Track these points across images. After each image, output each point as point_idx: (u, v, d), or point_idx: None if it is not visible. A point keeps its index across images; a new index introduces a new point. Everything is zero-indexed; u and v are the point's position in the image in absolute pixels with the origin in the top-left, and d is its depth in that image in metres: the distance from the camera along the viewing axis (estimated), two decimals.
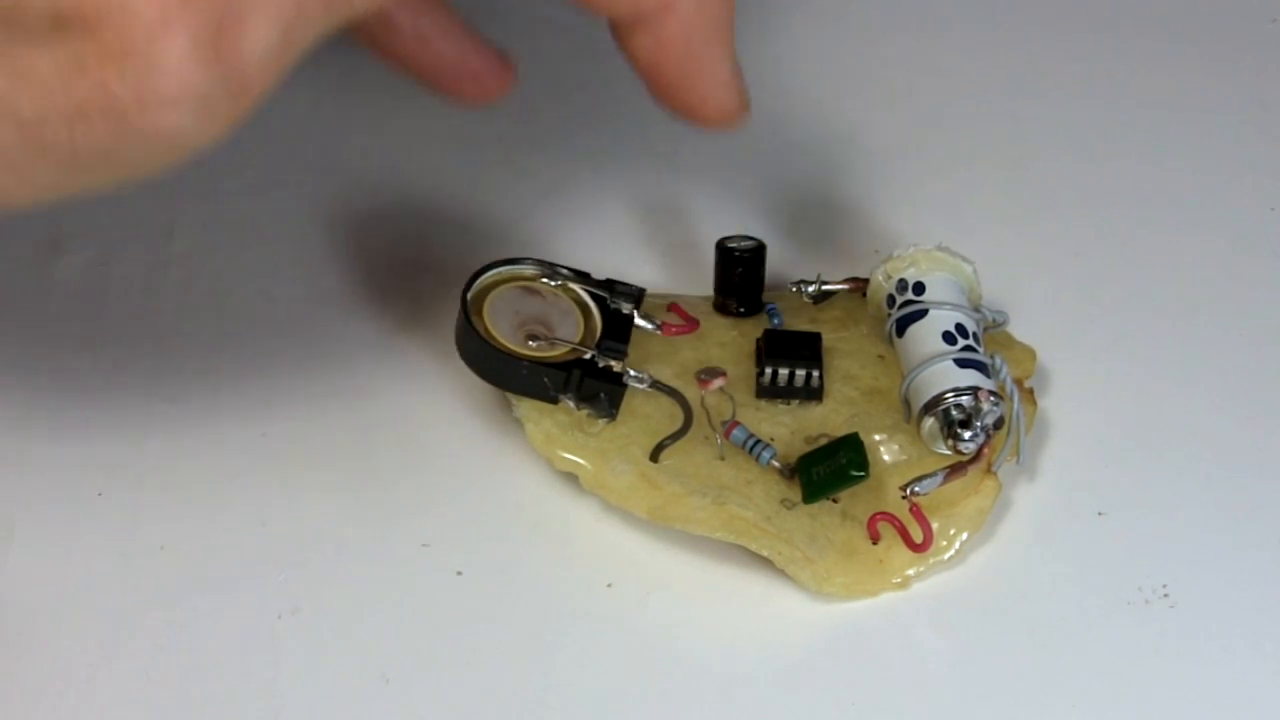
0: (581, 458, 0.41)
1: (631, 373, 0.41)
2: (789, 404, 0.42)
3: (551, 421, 0.41)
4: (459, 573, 0.41)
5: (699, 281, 0.45)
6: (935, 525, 0.40)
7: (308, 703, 0.38)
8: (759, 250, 0.44)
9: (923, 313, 0.42)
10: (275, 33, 0.31)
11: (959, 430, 0.40)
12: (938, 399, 0.40)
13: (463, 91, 0.40)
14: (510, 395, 0.41)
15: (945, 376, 0.40)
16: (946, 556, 0.41)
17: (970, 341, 0.41)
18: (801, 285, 0.44)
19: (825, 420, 0.42)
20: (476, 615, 0.40)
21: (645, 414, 0.41)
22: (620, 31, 0.37)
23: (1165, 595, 0.40)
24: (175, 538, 0.41)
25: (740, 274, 0.44)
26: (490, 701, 0.38)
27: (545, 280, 0.42)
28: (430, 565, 0.41)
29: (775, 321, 0.43)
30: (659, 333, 0.42)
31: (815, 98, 0.52)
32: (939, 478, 0.40)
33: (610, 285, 0.42)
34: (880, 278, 0.43)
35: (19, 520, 0.41)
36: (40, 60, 0.30)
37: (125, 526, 0.41)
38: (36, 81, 0.30)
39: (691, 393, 0.41)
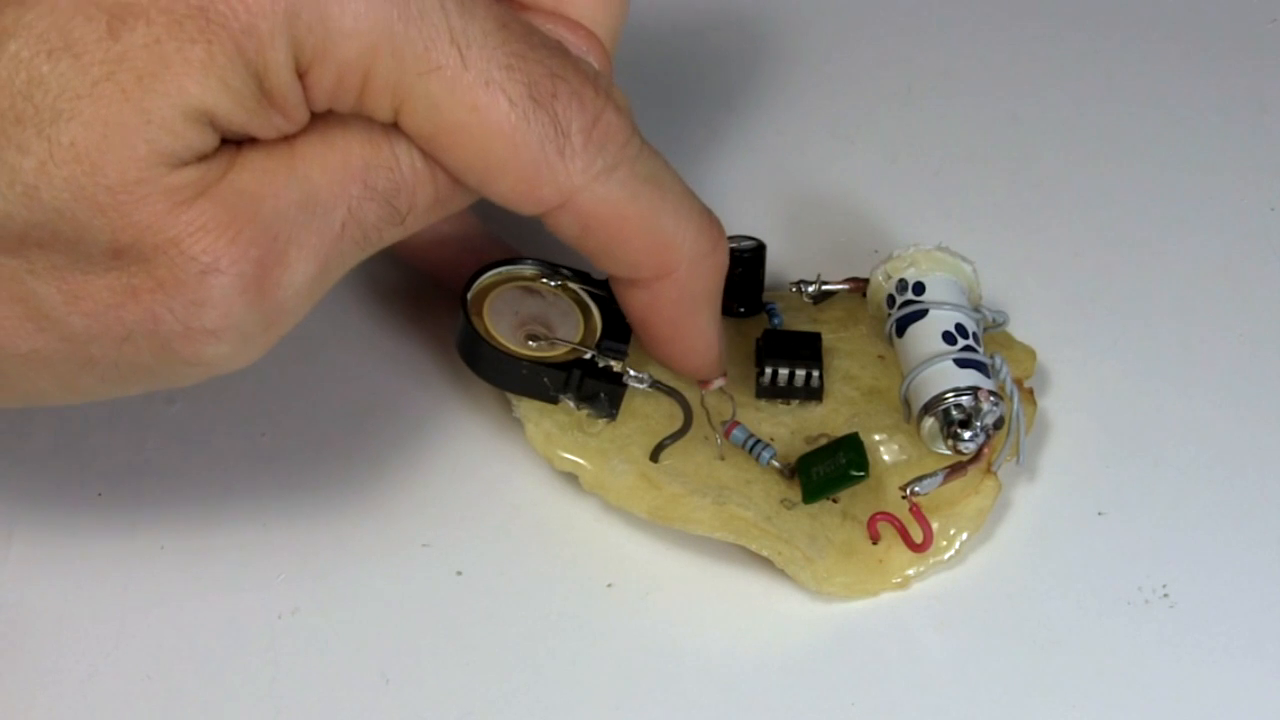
0: (581, 458, 0.41)
1: (631, 373, 0.41)
2: (789, 404, 0.42)
3: (551, 421, 0.41)
4: (459, 573, 0.41)
5: None
6: (935, 525, 0.40)
7: (308, 703, 0.38)
8: (759, 250, 0.44)
9: (923, 313, 0.42)
10: (313, 269, 0.34)
11: (959, 430, 0.40)
12: (938, 399, 0.40)
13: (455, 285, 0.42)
14: (510, 395, 0.41)
15: (945, 376, 0.40)
16: (946, 556, 0.41)
17: (970, 341, 0.41)
18: (801, 285, 0.44)
19: (825, 420, 0.42)
20: (476, 615, 0.40)
21: (645, 414, 0.41)
22: (618, 285, 0.39)
23: (1165, 595, 0.40)
24: (175, 538, 0.41)
25: (740, 274, 0.44)
26: (490, 701, 0.38)
27: (545, 280, 0.42)
28: (430, 565, 0.41)
29: (775, 321, 0.43)
30: None
31: (815, 98, 0.52)
32: (939, 478, 0.40)
33: (610, 285, 0.42)
34: (880, 278, 0.43)
35: (19, 520, 0.41)
36: (96, 285, 0.32)
37: (125, 526, 0.41)
38: (90, 304, 0.32)
39: (691, 393, 0.41)
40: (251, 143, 0.33)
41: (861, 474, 0.40)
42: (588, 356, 0.41)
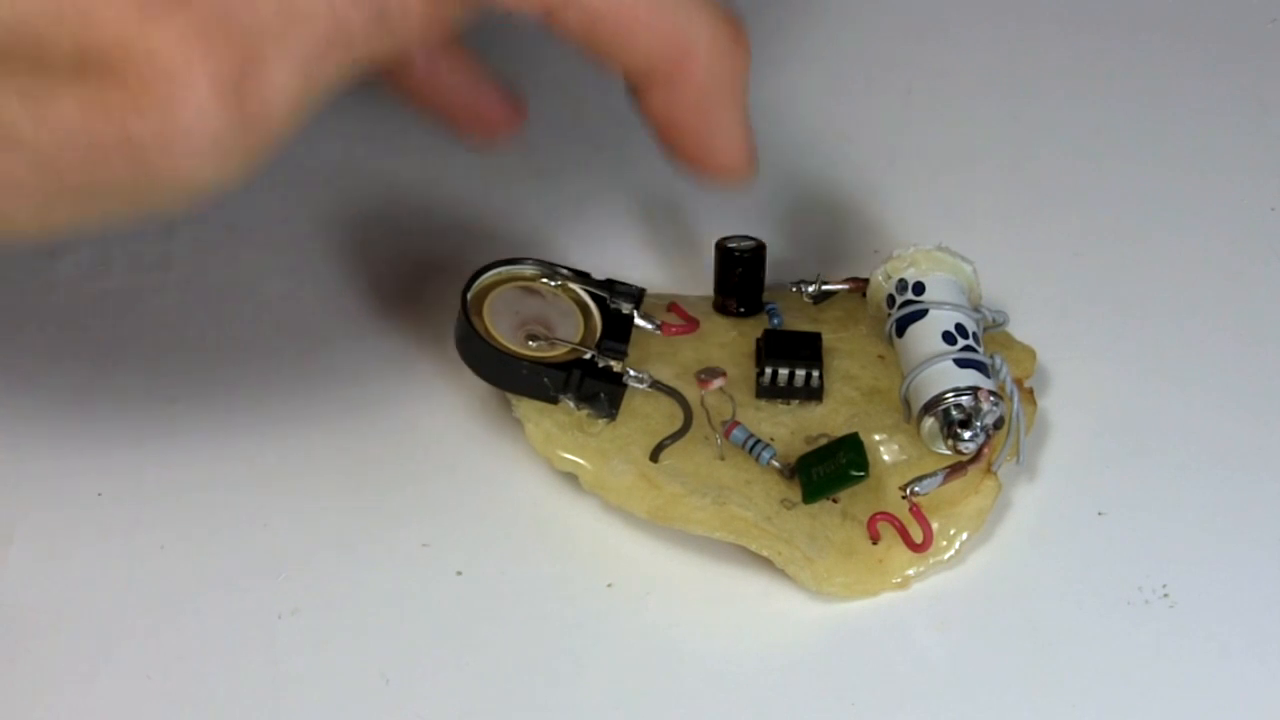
0: (581, 458, 0.41)
1: (631, 373, 0.41)
2: (789, 404, 0.42)
3: (551, 421, 0.41)
4: (459, 573, 0.41)
5: (699, 281, 0.45)
6: (935, 525, 0.40)
7: (308, 703, 0.38)
8: (759, 250, 0.44)
9: (923, 313, 0.42)
10: (296, 77, 0.32)
11: (959, 430, 0.40)
12: (938, 399, 0.40)
13: (472, 130, 0.41)
14: (510, 395, 0.41)
15: (945, 376, 0.40)
16: (946, 556, 0.41)
17: (970, 341, 0.41)
18: (801, 285, 0.44)
19: (825, 420, 0.42)
20: (476, 615, 0.40)
21: (645, 414, 0.41)
22: (635, 87, 0.37)
23: (1165, 595, 0.40)
24: (175, 538, 0.41)
25: (740, 274, 0.44)
26: (490, 701, 0.38)
27: (545, 280, 0.42)
28: (430, 565, 0.41)
29: (775, 321, 0.43)
30: (659, 333, 0.42)
31: (815, 98, 0.52)
32: (939, 478, 0.40)
33: (610, 285, 0.42)
34: (880, 278, 0.43)
35: (19, 520, 0.41)
36: (63, 99, 0.31)
37: (125, 526, 0.41)
38: (58, 119, 0.31)
39: (691, 393, 0.41)
40: None
41: (861, 474, 0.40)
42: (588, 356, 0.41)
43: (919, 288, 0.42)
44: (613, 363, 0.41)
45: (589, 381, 0.41)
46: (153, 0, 0.30)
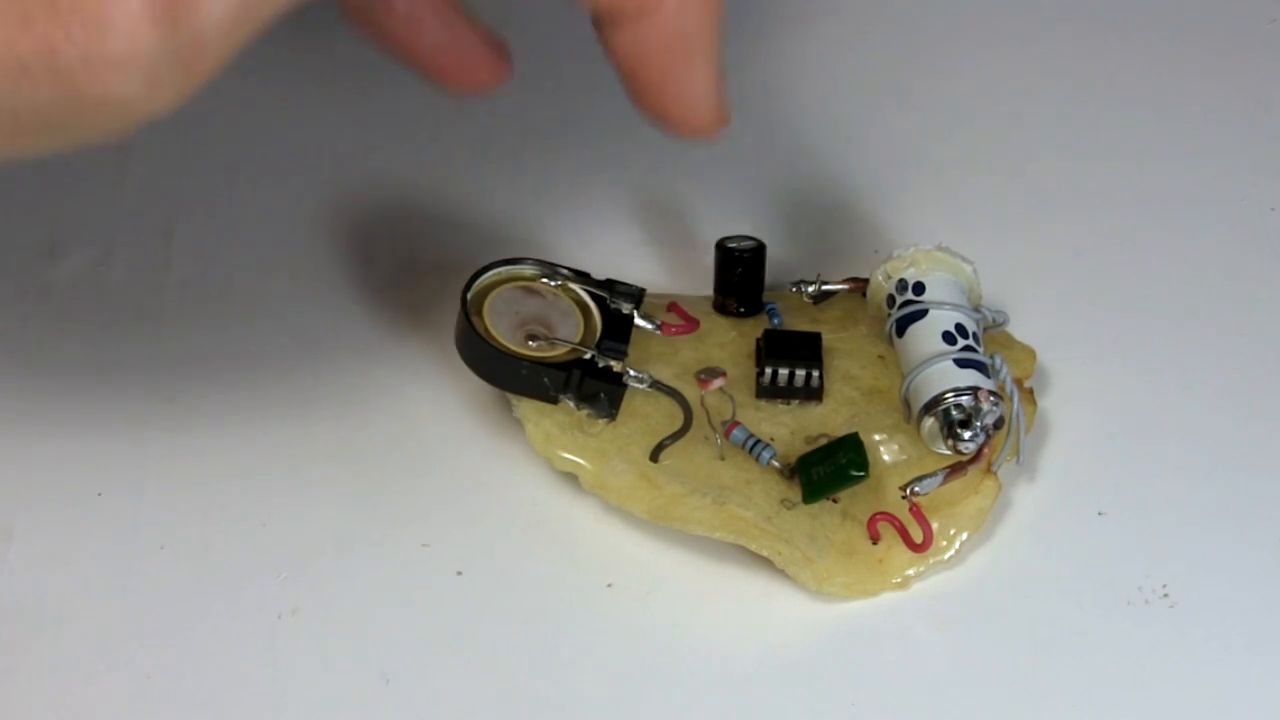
0: (581, 458, 0.41)
1: (631, 373, 0.41)
2: (789, 404, 0.42)
3: (551, 422, 0.41)
4: (459, 573, 0.41)
5: (699, 281, 0.45)
6: (935, 525, 0.40)
7: (308, 703, 0.38)
8: (759, 250, 0.44)
9: (923, 313, 0.42)
10: (233, 2, 0.30)
11: (959, 430, 0.40)
12: (938, 399, 0.40)
13: (456, 79, 0.39)
14: (510, 395, 0.41)
15: (945, 376, 0.40)
16: (946, 556, 0.41)
17: (970, 341, 0.41)
18: (801, 285, 0.44)
19: (825, 420, 0.42)
20: (476, 615, 0.40)
21: (645, 414, 0.41)
22: (602, 26, 0.36)
23: (1165, 595, 0.40)
24: (175, 538, 0.41)
25: (740, 274, 0.44)
26: (490, 701, 0.38)
27: (545, 280, 0.42)
28: (430, 565, 0.41)
29: (775, 321, 0.43)
30: (659, 333, 0.42)
31: (815, 98, 0.52)
32: (939, 478, 0.40)
33: (610, 285, 0.42)
34: (880, 278, 0.43)
35: (19, 520, 0.41)
36: None
37: (125, 526, 0.41)
38: None
39: (691, 393, 0.41)
40: None
41: (861, 474, 0.40)
42: (588, 356, 0.41)
43: (919, 288, 0.42)
44: (613, 363, 0.41)
45: (589, 381, 0.41)
46: None
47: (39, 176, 0.48)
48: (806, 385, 0.42)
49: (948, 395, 0.40)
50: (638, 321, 0.42)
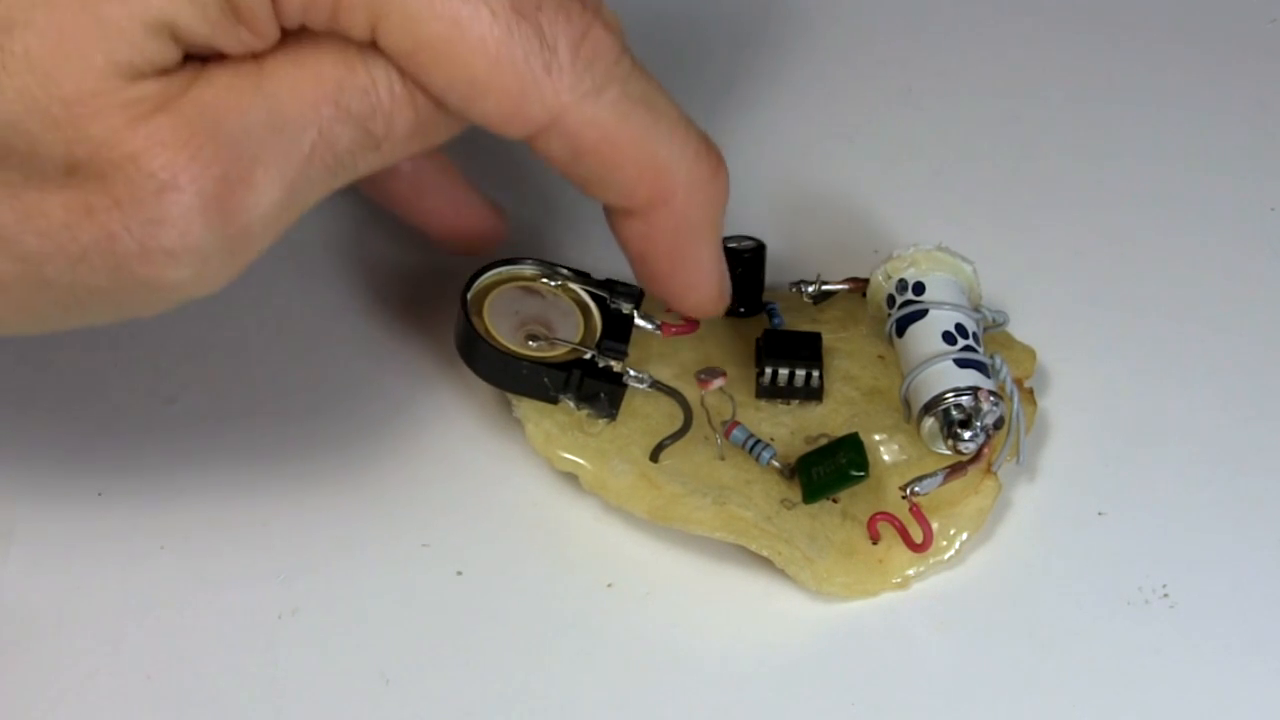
0: (581, 458, 0.41)
1: (631, 373, 0.41)
2: (789, 404, 0.42)
3: (551, 421, 0.41)
4: (459, 573, 0.41)
5: None
6: (935, 525, 0.40)
7: (308, 703, 0.38)
8: (759, 250, 0.44)
9: (923, 313, 0.42)
10: (279, 193, 0.32)
11: (959, 430, 0.40)
12: (938, 399, 0.40)
13: (452, 245, 0.42)
14: (510, 395, 0.41)
15: (945, 376, 0.40)
16: (946, 556, 0.41)
17: (970, 342, 0.41)
18: (801, 285, 0.44)
19: (825, 420, 0.42)
20: (476, 615, 0.40)
21: (645, 414, 0.41)
22: (613, 215, 0.38)
23: (1165, 595, 0.40)
24: (175, 538, 0.41)
25: (740, 274, 0.44)
26: (490, 701, 0.38)
27: (545, 280, 0.42)
28: (430, 565, 0.41)
29: (775, 321, 0.43)
30: (659, 333, 0.42)
31: (816, 98, 0.52)
32: (939, 478, 0.40)
33: (610, 285, 0.42)
34: (880, 278, 0.43)
35: (19, 520, 0.41)
36: (50, 202, 0.31)
37: (125, 526, 0.41)
38: (44, 222, 0.31)
39: (691, 393, 0.41)
40: (218, 59, 0.32)
41: (861, 474, 0.40)
42: (588, 356, 0.41)
43: (919, 288, 0.42)
44: (613, 363, 0.41)
45: (589, 381, 0.41)
46: (141, 102, 0.31)
47: None
48: (806, 385, 0.42)
49: (948, 395, 0.40)
50: (638, 321, 0.42)
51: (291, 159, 0.32)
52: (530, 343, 0.41)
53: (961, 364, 0.41)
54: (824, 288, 0.44)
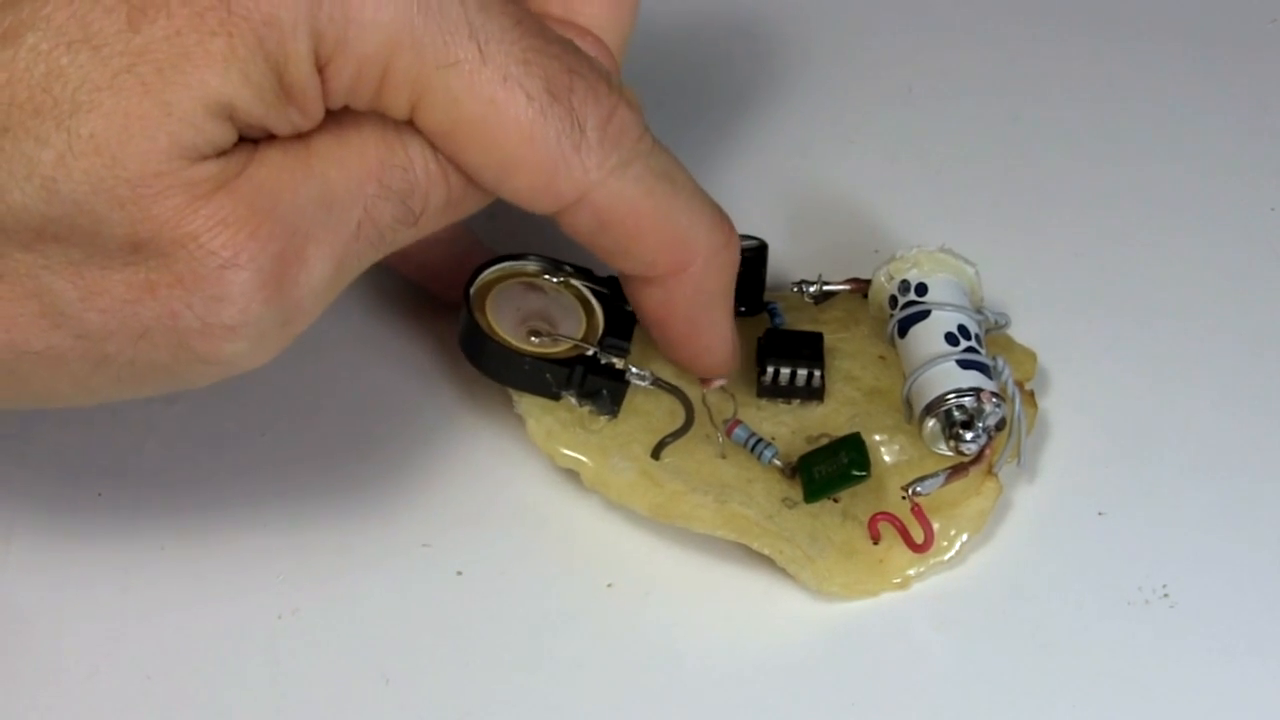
0: (583, 454, 0.41)
1: (634, 370, 0.41)
2: (790, 403, 0.42)
3: (553, 418, 0.41)
4: (459, 573, 0.41)
5: None
6: (936, 526, 0.40)
7: (308, 703, 0.38)
8: (760, 250, 0.44)
9: (925, 314, 0.42)
10: (330, 269, 0.34)
11: (961, 431, 0.40)
12: (940, 400, 0.40)
13: (449, 296, 0.42)
14: (512, 391, 0.41)
15: (948, 377, 0.40)
16: (947, 557, 0.41)
17: (972, 343, 0.41)
18: (802, 285, 0.44)
19: (826, 420, 0.42)
20: (476, 615, 0.40)
21: (647, 411, 0.41)
22: (630, 283, 0.39)
23: (1165, 595, 0.40)
24: (175, 538, 0.41)
25: (742, 274, 0.43)
26: (490, 701, 0.38)
27: (548, 277, 0.42)
28: (430, 565, 0.41)
29: (776, 321, 0.43)
30: None
31: (816, 98, 0.52)
32: (940, 478, 0.40)
33: (613, 282, 0.42)
34: (882, 279, 0.43)
35: (19, 520, 0.41)
36: (113, 280, 0.32)
37: (125, 526, 0.41)
38: (107, 300, 0.32)
39: (693, 391, 0.41)
40: (268, 140, 0.33)
41: (863, 474, 0.40)
42: (590, 353, 0.41)
43: (921, 289, 0.42)
44: (615, 360, 0.41)
45: (591, 378, 0.41)
46: (202, 183, 0.32)
47: None
48: (807, 385, 0.42)
49: (950, 396, 0.40)
50: None
51: (340, 235, 0.34)
52: (533, 339, 0.41)
53: (964, 365, 0.41)
54: (825, 288, 0.44)
